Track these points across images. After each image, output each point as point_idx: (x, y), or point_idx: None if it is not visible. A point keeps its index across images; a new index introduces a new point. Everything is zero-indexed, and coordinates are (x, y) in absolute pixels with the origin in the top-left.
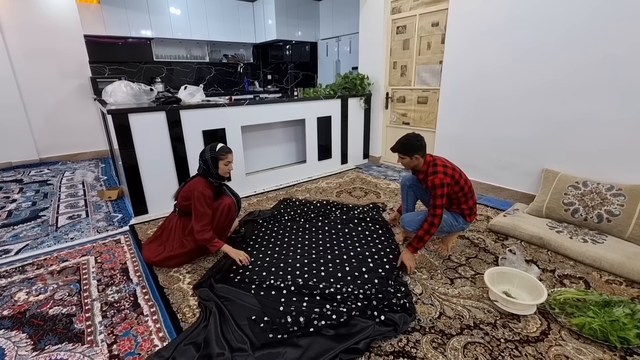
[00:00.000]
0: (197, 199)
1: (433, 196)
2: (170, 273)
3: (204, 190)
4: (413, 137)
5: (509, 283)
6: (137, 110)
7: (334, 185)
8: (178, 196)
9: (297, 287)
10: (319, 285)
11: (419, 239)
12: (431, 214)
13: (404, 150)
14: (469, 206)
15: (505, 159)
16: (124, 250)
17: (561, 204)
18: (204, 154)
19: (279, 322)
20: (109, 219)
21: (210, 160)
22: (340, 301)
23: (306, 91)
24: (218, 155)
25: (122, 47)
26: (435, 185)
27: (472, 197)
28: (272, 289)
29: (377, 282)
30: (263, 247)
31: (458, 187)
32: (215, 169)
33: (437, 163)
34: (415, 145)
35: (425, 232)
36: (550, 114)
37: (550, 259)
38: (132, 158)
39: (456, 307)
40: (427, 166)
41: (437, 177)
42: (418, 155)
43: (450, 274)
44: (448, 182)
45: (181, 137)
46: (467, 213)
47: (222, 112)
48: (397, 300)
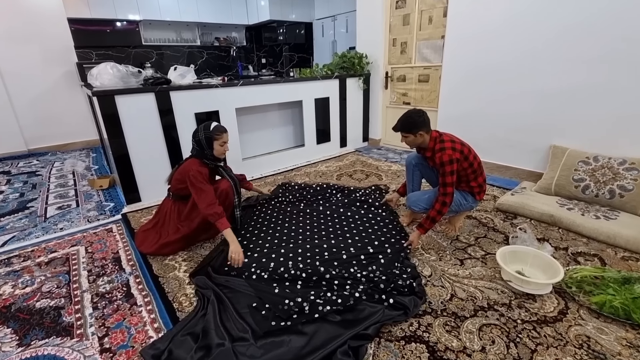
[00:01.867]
0: (193, 177)
1: (442, 174)
2: (165, 261)
3: (199, 169)
4: (414, 113)
5: (521, 262)
6: (125, 91)
7: (334, 168)
8: (172, 179)
9: (298, 272)
10: (321, 269)
11: (431, 220)
12: (442, 192)
13: (406, 128)
14: (479, 183)
15: (511, 137)
16: (116, 239)
17: (571, 180)
18: (197, 133)
19: (280, 309)
20: (100, 208)
21: (205, 140)
22: (345, 285)
23: (303, 71)
24: (213, 134)
25: (109, 31)
26: (444, 162)
27: (481, 174)
28: (271, 276)
29: (382, 264)
30: (263, 232)
31: (467, 163)
32: (210, 150)
33: (444, 139)
34: (417, 122)
35: (437, 212)
36: (557, 85)
37: (562, 237)
38: (121, 143)
39: (468, 289)
40: (433, 143)
41: (446, 154)
42: (422, 132)
43: (460, 254)
44: (457, 157)
45: (172, 120)
46: (476, 191)
47: (214, 93)
48: (404, 282)
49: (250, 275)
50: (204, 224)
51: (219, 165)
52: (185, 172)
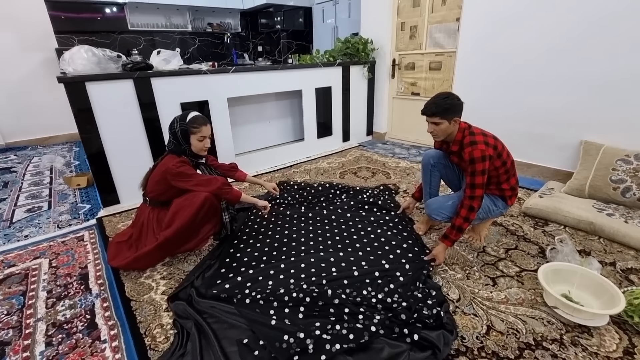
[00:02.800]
0: (175, 167)
1: (471, 173)
2: (140, 279)
3: (180, 159)
4: (453, 95)
5: (566, 282)
6: (97, 78)
7: (337, 165)
8: (147, 183)
9: (301, 295)
10: (328, 292)
11: (457, 230)
12: (468, 196)
13: (442, 111)
14: (511, 186)
15: (534, 131)
16: (86, 250)
17: (608, 181)
18: (173, 124)
19: (278, 348)
20: (74, 211)
21: (180, 133)
22: (358, 314)
23: (302, 58)
24: (189, 127)
25: (91, 15)
26: (475, 159)
27: (514, 175)
28: (268, 299)
29: (401, 284)
30: (259, 242)
31: (500, 162)
32: (186, 145)
33: (474, 131)
34: (456, 105)
35: (465, 219)
36: (592, 73)
37: (605, 248)
38: (94, 138)
39: (507, 318)
40: (462, 135)
41: (477, 149)
42: (457, 119)
43: (490, 271)
44: (490, 154)
45: (155, 111)
46: (508, 195)
47: (203, 80)
48: (429, 311)
49: (243, 299)
50: (187, 228)
51: (200, 163)
52: (164, 171)
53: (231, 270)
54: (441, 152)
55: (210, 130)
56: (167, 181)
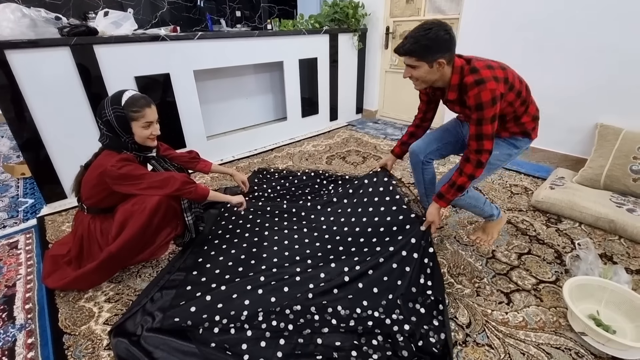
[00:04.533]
0: (115, 169)
1: (477, 121)
2: (80, 302)
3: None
4: (439, 26)
5: (593, 299)
6: (21, 45)
7: (323, 148)
8: (79, 188)
9: (282, 324)
10: (315, 318)
11: (457, 188)
12: (474, 150)
13: (422, 50)
14: (532, 115)
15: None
16: (18, 261)
17: (628, 171)
18: (104, 110)
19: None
20: (12, 208)
21: (116, 121)
22: (351, 351)
23: (283, 23)
24: (127, 112)
25: None
26: (483, 105)
27: (532, 102)
28: (241, 329)
29: (401, 294)
30: (233, 249)
31: (514, 94)
32: (127, 136)
33: (476, 66)
34: (442, 40)
35: (469, 177)
36: (613, 46)
37: (628, 252)
38: (23, 118)
39: (528, 350)
40: (459, 76)
41: (486, 89)
42: (443, 60)
43: (503, 283)
44: (502, 92)
45: (102, 87)
46: (530, 127)
47: (163, 49)
48: (436, 335)
49: (211, 328)
50: (138, 240)
51: (149, 157)
52: (102, 172)
53: (199, 286)
54: (430, 137)
55: (156, 112)
56: (107, 185)
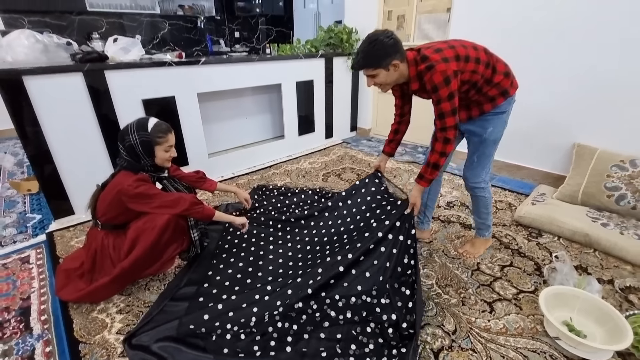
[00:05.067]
0: (132, 188)
1: (437, 102)
2: (93, 313)
3: (138, 177)
4: (381, 34)
5: (567, 307)
6: (37, 71)
7: (319, 165)
8: (96, 205)
9: (284, 324)
10: (315, 316)
11: (433, 167)
12: (439, 128)
13: (373, 60)
14: (503, 72)
15: (524, 132)
16: (31, 275)
17: (602, 188)
18: (128, 136)
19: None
20: (21, 224)
21: (141, 145)
22: (350, 342)
23: (281, 48)
24: (153, 138)
25: None
26: (437, 86)
27: (497, 60)
28: (249, 334)
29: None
30: (240, 262)
31: (472, 64)
32: (149, 159)
33: (426, 54)
34: (387, 47)
35: (440, 154)
36: (586, 72)
37: (602, 263)
38: (38, 139)
39: (507, 353)
40: (415, 67)
41: (437, 71)
42: (397, 62)
43: (486, 294)
44: (454, 69)
45: (111, 109)
46: (507, 85)
47: (169, 74)
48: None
49: (223, 334)
50: (148, 255)
51: (161, 177)
52: (119, 190)
53: (210, 297)
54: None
55: (174, 137)
56: (123, 203)
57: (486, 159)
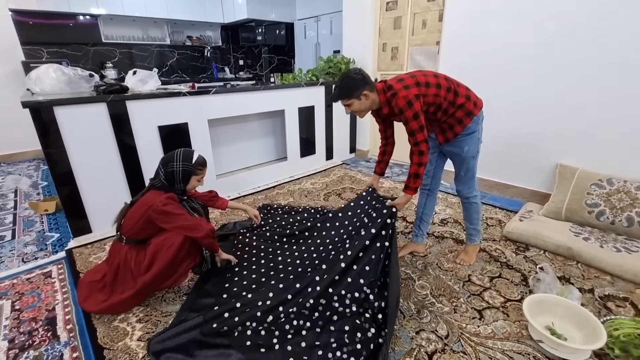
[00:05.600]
0: (163, 205)
1: (405, 122)
2: (114, 323)
3: (168, 195)
4: (351, 71)
5: (549, 313)
6: (67, 102)
7: (320, 185)
8: (124, 219)
9: (299, 322)
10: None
11: (414, 176)
12: (412, 143)
13: (345, 93)
14: (465, 95)
15: (512, 153)
16: (54, 289)
17: (584, 205)
18: (173, 163)
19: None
20: (41, 242)
21: (181, 173)
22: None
23: (285, 77)
24: (194, 169)
25: (62, 26)
26: (402, 109)
27: (458, 85)
28: (268, 330)
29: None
30: (253, 274)
31: (434, 89)
32: (183, 184)
33: (390, 84)
34: (357, 80)
35: (418, 164)
36: (565, 98)
37: (583, 274)
38: (63, 163)
39: (494, 355)
40: (384, 95)
41: (399, 97)
42: (367, 92)
43: (476, 302)
44: (415, 93)
45: (130, 135)
46: (470, 107)
47: (182, 102)
48: None
49: (244, 331)
50: (166, 270)
51: (182, 198)
52: (149, 207)
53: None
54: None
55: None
56: (150, 219)
57: (471, 172)
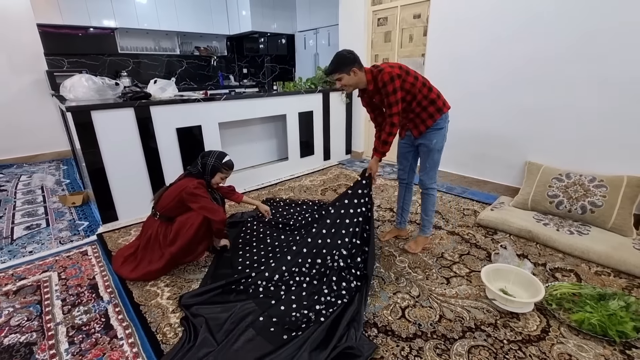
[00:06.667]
0: (195, 189)
1: (386, 94)
2: (146, 287)
3: (199, 182)
4: (344, 50)
5: (504, 280)
6: (102, 107)
7: (318, 182)
8: (160, 199)
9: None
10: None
11: (383, 143)
12: (388, 114)
13: (337, 67)
14: (437, 93)
15: (488, 153)
16: (91, 264)
17: (546, 196)
18: (207, 158)
19: (288, 321)
20: (73, 228)
21: (211, 167)
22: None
23: (286, 85)
24: (221, 167)
25: (82, 38)
26: (385, 83)
27: (432, 86)
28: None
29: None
30: (256, 255)
31: (412, 77)
32: (209, 177)
33: (378, 65)
34: (348, 58)
35: (388, 134)
36: (532, 104)
37: (540, 252)
38: (97, 159)
39: (455, 309)
40: (371, 74)
41: (385, 72)
42: (355, 69)
43: (446, 272)
44: (397, 72)
45: (152, 136)
46: (440, 104)
47: (197, 107)
48: None
49: (257, 288)
50: (189, 244)
51: (208, 190)
52: (182, 190)
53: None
54: (406, 166)
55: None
56: (182, 200)
57: (435, 164)
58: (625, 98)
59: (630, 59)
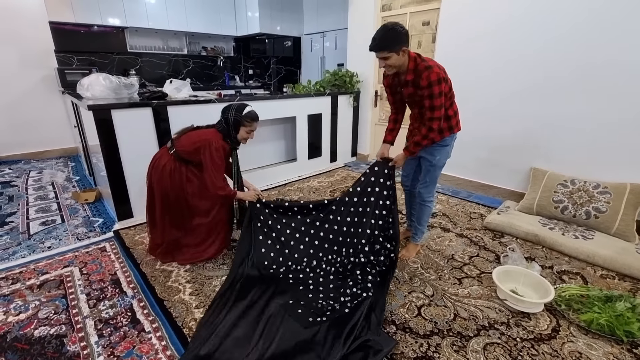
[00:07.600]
0: (215, 149)
1: (430, 96)
2: (168, 283)
3: (222, 143)
4: (395, 24)
5: (514, 281)
6: (121, 105)
7: (326, 184)
8: (182, 137)
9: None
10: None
11: (415, 144)
12: (428, 118)
13: (388, 43)
14: (454, 110)
15: (494, 158)
16: (111, 259)
17: (551, 201)
18: (228, 112)
19: (315, 306)
20: (88, 225)
21: (233, 121)
22: (366, 274)
23: (296, 87)
24: (242, 120)
25: (92, 36)
26: (432, 82)
27: (454, 100)
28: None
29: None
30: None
31: (447, 86)
32: (234, 132)
33: (425, 59)
34: (401, 34)
35: (423, 137)
36: (538, 114)
37: (547, 256)
38: (115, 157)
39: (469, 308)
40: (414, 63)
41: (434, 72)
42: (405, 47)
43: (457, 273)
44: (444, 77)
45: (169, 134)
46: (454, 122)
47: (211, 108)
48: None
49: (286, 275)
50: (215, 213)
51: (236, 148)
52: (205, 140)
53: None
54: (411, 176)
55: (257, 126)
56: (199, 148)
57: (435, 180)
58: (632, 107)
59: (637, 68)
